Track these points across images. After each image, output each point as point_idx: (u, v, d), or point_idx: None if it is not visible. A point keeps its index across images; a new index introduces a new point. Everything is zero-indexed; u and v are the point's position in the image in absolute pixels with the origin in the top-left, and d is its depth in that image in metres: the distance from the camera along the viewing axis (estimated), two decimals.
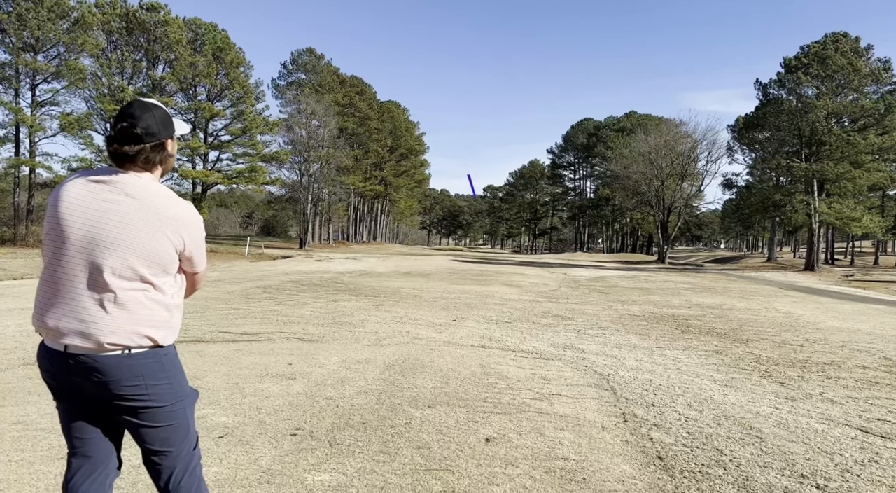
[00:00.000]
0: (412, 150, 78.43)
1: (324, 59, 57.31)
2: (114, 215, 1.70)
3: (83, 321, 1.69)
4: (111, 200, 1.72)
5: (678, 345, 7.57)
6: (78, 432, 1.85)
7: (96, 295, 1.69)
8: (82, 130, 30.92)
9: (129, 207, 1.72)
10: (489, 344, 7.04)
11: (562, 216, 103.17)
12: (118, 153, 1.77)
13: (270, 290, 13.38)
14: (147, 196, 1.75)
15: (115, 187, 1.73)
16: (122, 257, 1.69)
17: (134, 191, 1.74)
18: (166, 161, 1.87)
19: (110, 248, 1.69)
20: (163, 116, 1.83)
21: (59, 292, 1.72)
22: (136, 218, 1.72)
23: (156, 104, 1.84)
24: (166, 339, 1.80)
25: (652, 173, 48.35)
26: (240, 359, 5.71)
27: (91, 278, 1.70)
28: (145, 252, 1.72)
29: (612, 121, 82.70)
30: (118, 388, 1.72)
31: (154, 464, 1.88)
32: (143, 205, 1.73)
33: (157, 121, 1.80)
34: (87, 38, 30.01)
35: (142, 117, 1.77)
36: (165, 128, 1.83)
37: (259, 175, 38.40)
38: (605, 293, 16.18)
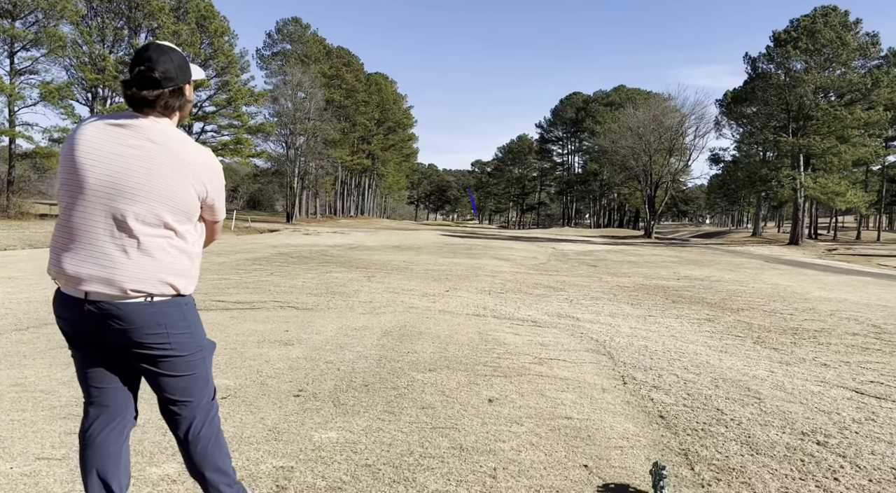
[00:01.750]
0: (400, 123, 77.70)
1: (310, 29, 56.19)
2: (137, 161, 1.64)
3: (105, 267, 1.63)
4: (134, 146, 1.65)
5: (670, 314, 7.65)
6: (95, 381, 1.81)
7: (119, 241, 1.64)
8: (63, 99, 30.14)
9: (153, 152, 1.66)
10: (484, 313, 7.06)
11: (549, 191, 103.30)
12: (136, 98, 1.70)
13: (260, 261, 13.29)
14: (168, 141, 1.69)
15: (136, 132, 1.67)
16: (147, 204, 1.64)
17: (156, 136, 1.68)
18: (185, 107, 1.81)
19: (135, 194, 1.63)
20: (180, 59, 1.76)
21: (77, 239, 1.66)
22: (161, 164, 1.66)
23: (172, 47, 1.78)
24: (187, 288, 1.77)
25: (640, 148, 48.39)
26: (235, 326, 5.68)
27: (113, 225, 1.64)
28: (171, 198, 1.67)
29: (601, 95, 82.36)
30: (139, 336, 1.68)
31: (173, 414, 1.86)
32: (166, 150, 1.67)
33: (174, 65, 1.73)
34: (67, 4, 29.09)
35: (159, 61, 1.70)
36: (183, 72, 1.76)
37: (245, 148, 37.87)
38: (595, 266, 16.28)
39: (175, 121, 1.80)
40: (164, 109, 1.73)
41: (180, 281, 1.73)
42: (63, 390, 3.50)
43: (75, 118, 31.26)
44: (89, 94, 32.34)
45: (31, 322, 5.41)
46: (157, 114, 1.73)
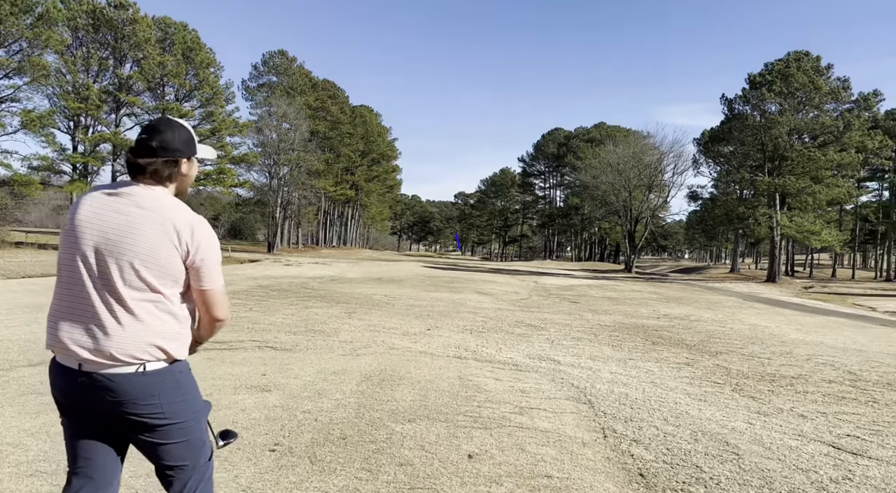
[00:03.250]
0: (384, 155, 78.23)
1: (296, 62, 56.80)
2: (123, 225, 1.70)
3: (95, 337, 1.66)
4: (122, 211, 1.72)
5: (650, 357, 7.68)
6: (84, 451, 1.79)
7: (108, 307, 1.68)
8: (44, 127, 29.98)
9: (139, 217, 1.71)
10: (465, 355, 7.02)
11: (532, 224, 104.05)
12: (131, 164, 1.78)
13: (240, 295, 13.12)
14: (156, 206, 1.73)
15: (127, 199, 1.74)
16: (131, 266, 1.68)
17: (144, 201, 1.73)
18: (179, 179, 1.85)
19: (119, 257, 1.68)
20: (185, 135, 1.84)
21: (71, 307, 1.71)
22: (144, 226, 1.70)
23: (182, 124, 1.85)
24: (179, 352, 1.78)
25: (620, 184, 49.12)
26: (212, 369, 5.57)
27: (102, 290, 1.68)
28: (153, 259, 1.69)
29: (582, 131, 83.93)
30: (133, 407, 1.69)
31: (167, 476, 1.84)
32: (151, 214, 1.72)
33: (176, 137, 1.81)
34: (52, 34, 29.17)
35: (162, 132, 1.79)
36: (186, 147, 1.83)
37: (228, 177, 37.77)
38: (576, 302, 16.34)
39: (170, 190, 1.83)
40: (153, 175, 1.78)
41: (170, 345, 1.73)
42: (31, 443, 3.39)
43: (56, 146, 31.07)
44: (71, 122, 32.19)
45: (2, 365, 5.26)
46: (150, 181, 1.78)
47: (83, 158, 31.73)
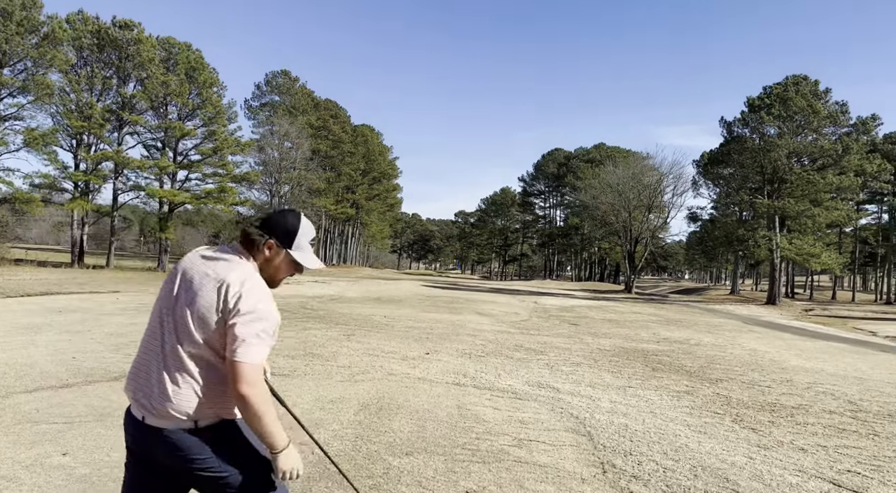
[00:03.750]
0: (385, 174, 78.54)
1: (298, 82, 57.31)
2: (196, 284, 1.76)
3: (152, 394, 1.73)
4: (200, 271, 1.79)
5: (650, 384, 7.63)
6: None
7: (166, 363, 1.74)
8: (47, 145, 30.13)
9: (209, 278, 1.76)
10: (464, 381, 6.99)
11: (532, 243, 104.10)
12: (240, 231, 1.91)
13: None
14: (225, 268, 1.78)
15: (212, 260, 1.82)
16: (190, 324, 1.72)
17: (220, 264, 1.79)
18: (262, 258, 1.89)
19: (183, 314, 1.74)
20: (288, 227, 1.89)
21: (139, 361, 1.81)
22: (207, 286, 1.75)
23: (296, 217, 1.93)
24: (230, 412, 1.80)
25: (620, 204, 49.26)
26: None
27: (166, 345, 1.75)
28: (208, 320, 1.72)
29: (582, 152, 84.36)
30: (188, 462, 1.74)
31: None
32: (217, 275, 1.76)
33: (278, 225, 1.89)
34: (57, 53, 29.47)
35: (272, 216, 1.91)
36: (280, 234, 1.88)
37: (229, 196, 37.84)
38: (576, 325, 16.29)
39: (253, 265, 1.86)
40: (244, 242, 1.87)
41: (222, 405, 1.77)
42: (25, 477, 3.36)
43: (58, 164, 31.20)
44: (74, 140, 32.33)
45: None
46: (242, 249, 1.87)
47: (85, 176, 31.84)
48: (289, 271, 1.93)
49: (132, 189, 35.68)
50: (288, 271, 1.93)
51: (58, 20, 30.50)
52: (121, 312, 12.64)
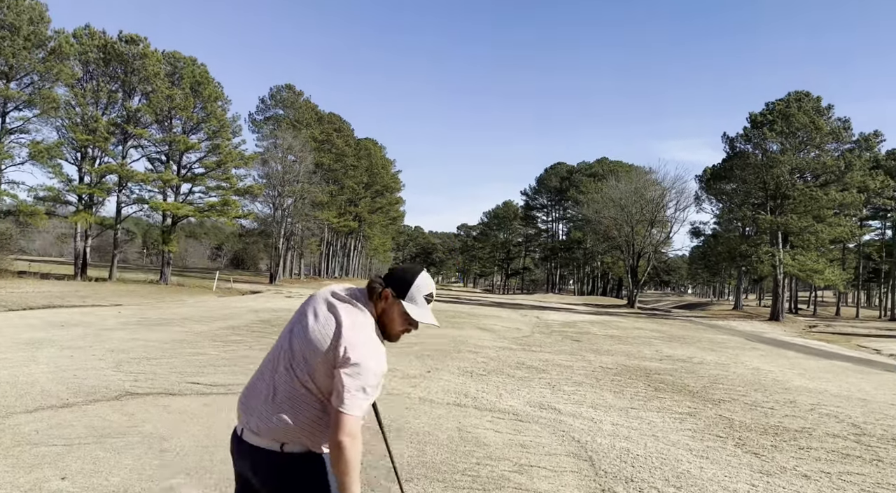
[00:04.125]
0: (388, 187, 78.79)
1: (302, 96, 57.67)
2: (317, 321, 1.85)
3: (254, 412, 1.83)
4: (325, 309, 1.88)
5: (652, 405, 7.59)
6: None
7: (273, 387, 1.83)
8: (52, 158, 30.31)
9: (329, 318, 1.84)
10: (465, 402, 6.96)
11: (534, 257, 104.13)
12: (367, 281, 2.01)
13: (239, 331, 13.09)
14: (345, 313, 1.85)
15: (338, 303, 1.89)
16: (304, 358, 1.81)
17: (342, 307, 1.87)
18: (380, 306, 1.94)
19: (299, 348, 1.83)
20: (406, 277, 1.96)
21: (255, 377, 1.93)
22: (326, 327, 1.82)
23: (415, 271, 1.99)
24: (318, 446, 1.83)
25: (622, 219, 49.33)
26: (209, 416, 5.53)
27: (277, 370, 1.85)
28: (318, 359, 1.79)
29: (585, 166, 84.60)
30: (267, 481, 1.81)
31: None
32: (336, 318, 1.83)
33: (396, 275, 1.98)
34: (63, 67, 29.73)
35: (396, 268, 2.01)
36: (399, 286, 1.94)
37: (232, 209, 37.95)
38: (578, 341, 16.25)
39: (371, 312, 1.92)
40: (368, 290, 1.95)
41: (312, 437, 1.80)
42: None
43: (63, 177, 31.34)
44: (78, 153, 32.50)
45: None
46: (369, 301, 1.94)
47: (89, 189, 31.98)
48: (403, 325, 1.95)
49: (136, 202, 35.83)
50: (402, 324, 1.94)
51: (65, 35, 30.81)
52: (122, 326, 12.64)
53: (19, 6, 28.52)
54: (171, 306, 20.31)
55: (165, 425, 5.13)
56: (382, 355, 1.83)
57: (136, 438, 4.68)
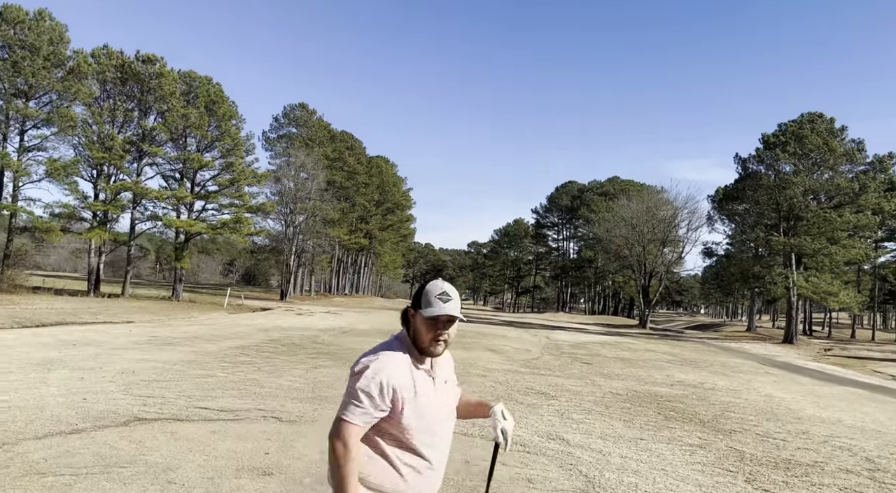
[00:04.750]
0: (399, 204, 79.21)
1: (315, 115, 58.39)
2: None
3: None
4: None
5: (662, 436, 7.50)
6: None
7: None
8: (68, 175, 30.81)
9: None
10: (472, 431, 6.91)
11: (545, 275, 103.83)
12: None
13: (248, 351, 13.12)
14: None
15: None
16: None
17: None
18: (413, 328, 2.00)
19: None
20: (418, 291, 2.02)
21: None
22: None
23: (427, 281, 2.04)
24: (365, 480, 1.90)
25: (634, 238, 49.16)
26: (216, 444, 5.53)
27: None
28: None
29: (596, 185, 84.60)
30: None
31: None
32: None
33: (413, 295, 2.06)
34: (81, 86, 30.35)
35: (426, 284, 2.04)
36: (416, 300, 2.01)
37: (244, 226, 38.30)
38: (588, 364, 16.12)
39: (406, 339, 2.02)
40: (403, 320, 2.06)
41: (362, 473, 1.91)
42: None
43: (78, 194, 31.82)
44: (94, 171, 33.02)
45: (7, 438, 5.24)
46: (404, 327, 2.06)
47: (104, 206, 32.41)
48: (429, 332, 1.96)
49: (149, 219, 36.24)
50: (428, 332, 1.96)
51: (83, 55, 31.50)
52: (133, 346, 12.73)
53: (40, 27, 29.25)
54: (182, 324, 20.43)
55: (172, 453, 5.14)
56: (388, 370, 1.87)
57: (142, 467, 4.69)
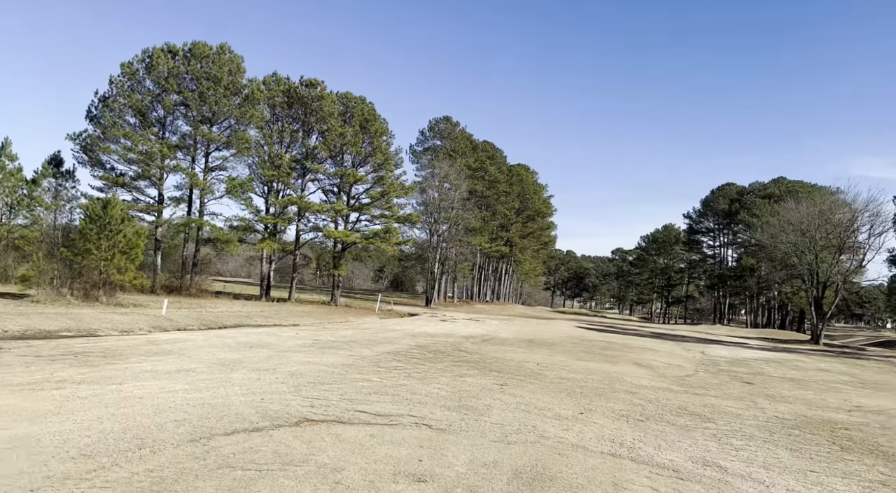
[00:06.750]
0: (539, 212, 78.83)
1: (459, 126, 60.10)
2: None
3: None
4: None
5: (836, 469, 6.78)
6: None
7: None
8: (244, 192, 34.68)
9: None
10: (620, 451, 6.75)
11: (699, 284, 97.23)
12: None
13: (399, 357, 13.88)
14: None
15: None
16: None
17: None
18: None
19: None
20: None
21: None
22: None
23: None
24: None
25: (804, 245, 44.43)
26: (374, 448, 5.96)
27: None
28: None
29: (758, 187, 77.85)
30: None
31: None
32: None
33: None
34: (255, 111, 34.00)
35: None
36: None
37: (393, 236, 40.50)
38: (750, 384, 14.89)
39: None
40: None
41: None
42: None
43: (252, 209, 35.64)
44: (265, 187, 36.79)
45: (203, 432, 6.08)
46: None
47: (273, 219, 36.01)
48: None
49: (311, 230, 39.72)
50: None
51: (256, 82, 35.30)
52: (299, 348, 14.01)
53: (221, 60, 33.23)
54: (340, 327, 22.06)
55: (338, 455, 5.64)
56: None
57: (313, 467, 5.21)
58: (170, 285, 31.47)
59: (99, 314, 18.07)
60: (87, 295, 21.07)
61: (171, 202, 33.69)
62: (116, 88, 31.27)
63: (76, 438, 5.52)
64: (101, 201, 23.04)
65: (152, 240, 32.11)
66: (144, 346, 12.67)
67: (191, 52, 32.75)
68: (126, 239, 22.46)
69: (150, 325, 16.99)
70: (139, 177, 32.53)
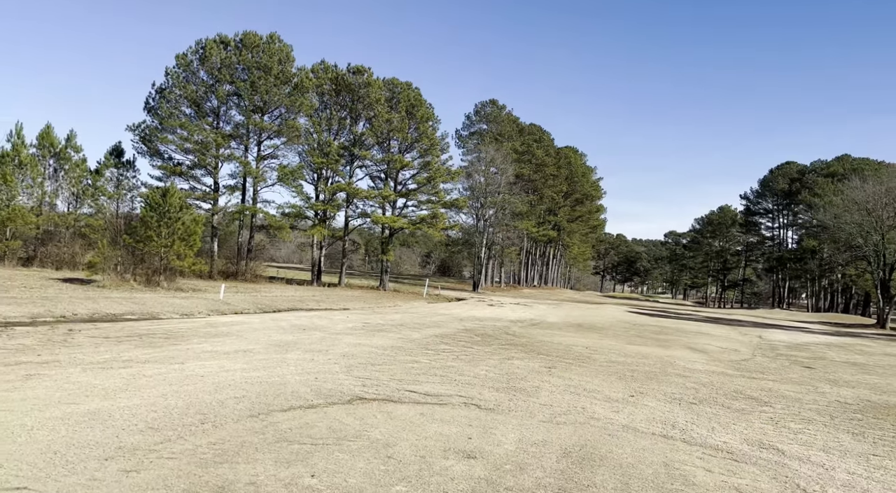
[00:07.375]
0: (588, 195, 77.52)
1: (505, 110, 59.49)
2: None
3: None
4: None
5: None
6: None
7: None
8: (295, 179, 35.42)
9: None
10: (672, 433, 6.66)
11: (756, 267, 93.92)
12: None
13: (447, 340, 14.00)
14: None
15: None
16: None
17: None
18: None
19: None
20: None
21: None
22: None
23: None
24: None
25: (869, 225, 42.24)
26: (425, 426, 6.07)
27: None
28: None
29: (820, 165, 74.27)
30: None
31: None
32: None
33: None
34: (304, 100, 34.56)
35: None
36: None
37: (439, 221, 40.63)
38: (810, 368, 14.37)
39: None
40: None
41: None
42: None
43: (303, 196, 36.37)
44: (315, 174, 37.45)
45: (261, 409, 6.33)
46: None
47: (323, 206, 36.69)
48: None
49: (360, 216, 40.28)
50: None
51: (305, 71, 35.84)
52: (350, 331, 14.32)
53: (271, 49, 33.86)
54: (388, 311, 22.38)
55: (389, 431, 5.77)
56: None
57: (365, 442, 5.36)
58: (226, 271, 32.56)
59: (160, 298, 18.90)
60: (149, 280, 22.04)
61: (225, 190, 34.82)
62: (172, 80, 32.35)
63: (143, 413, 5.84)
64: (161, 190, 23.99)
65: (209, 227, 33.23)
66: (204, 328, 13.19)
67: (242, 42, 33.49)
68: (184, 226, 23.33)
69: (208, 308, 17.65)
70: (195, 166, 33.67)
